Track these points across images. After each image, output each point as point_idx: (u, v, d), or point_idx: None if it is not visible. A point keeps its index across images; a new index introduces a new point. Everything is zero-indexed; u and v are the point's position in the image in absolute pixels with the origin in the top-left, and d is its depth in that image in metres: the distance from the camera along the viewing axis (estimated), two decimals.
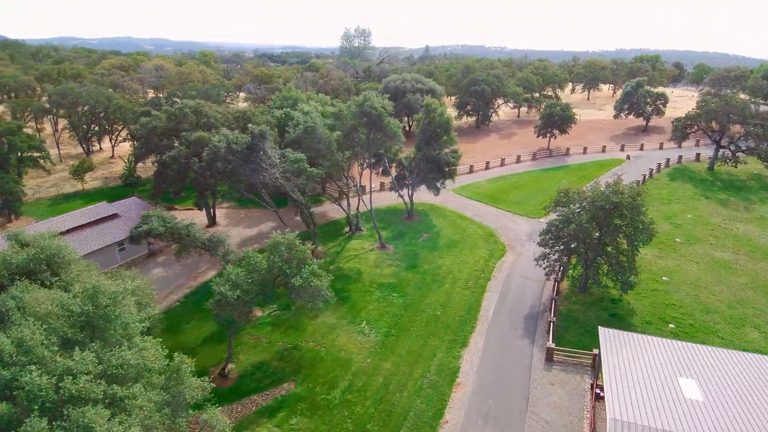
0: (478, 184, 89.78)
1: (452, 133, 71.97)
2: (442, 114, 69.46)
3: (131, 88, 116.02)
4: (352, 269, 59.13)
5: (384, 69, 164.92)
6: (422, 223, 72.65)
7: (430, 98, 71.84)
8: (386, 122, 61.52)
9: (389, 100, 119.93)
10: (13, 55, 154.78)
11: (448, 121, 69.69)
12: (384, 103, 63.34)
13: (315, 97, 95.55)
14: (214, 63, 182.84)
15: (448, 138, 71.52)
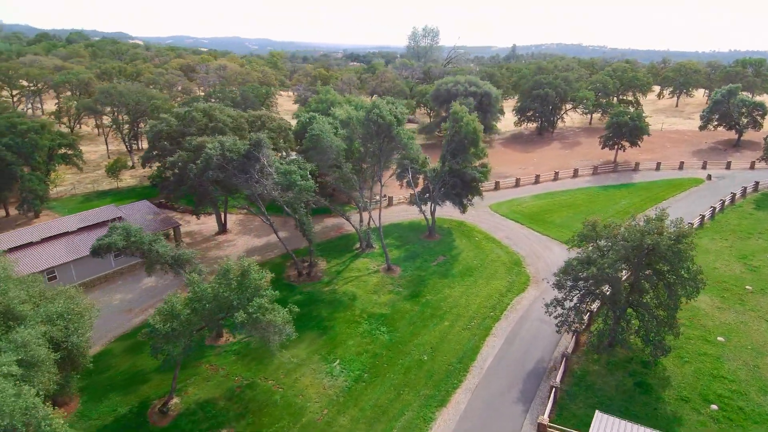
0: (521, 200, 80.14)
1: (481, 145, 63.79)
2: (469, 123, 61.54)
3: (186, 87, 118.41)
4: (347, 293, 53.36)
5: (443, 70, 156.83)
6: (442, 243, 65.14)
7: (458, 105, 64.04)
8: (396, 132, 54.98)
9: (440, 105, 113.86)
10: (95, 52, 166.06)
11: (475, 131, 61.62)
12: (398, 111, 56.87)
13: (355, 100, 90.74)
14: (281, 63, 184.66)
15: (476, 150, 63.47)
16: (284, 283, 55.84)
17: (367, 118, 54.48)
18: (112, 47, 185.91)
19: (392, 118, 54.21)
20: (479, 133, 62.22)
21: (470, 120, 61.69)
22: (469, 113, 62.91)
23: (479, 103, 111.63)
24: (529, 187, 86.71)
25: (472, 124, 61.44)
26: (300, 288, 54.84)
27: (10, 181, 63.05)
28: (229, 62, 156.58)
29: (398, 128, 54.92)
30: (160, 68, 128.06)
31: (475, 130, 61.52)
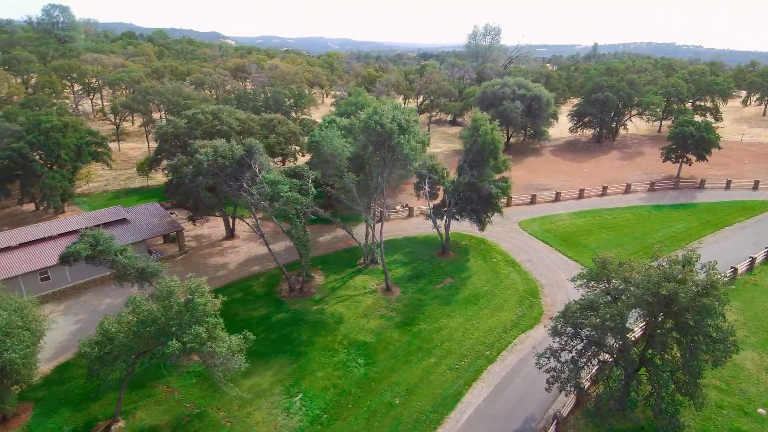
0: (557, 217, 71.96)
1: (501, 156, 57.23)
2: (487, 132, 55.25)
3: (234, 87, 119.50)
4: (334, 315, 49.19)
5: (499, 71, 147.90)
6: (455, 263, 59.21)
7: (478, 112, 57.82)
8: (397, 141, 49.87)
9: (485, 108, 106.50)
10: (161, 51, 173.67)
11: (494, 142, 55.21)
12: (403, 117, 51.72)
13: (388, 102, 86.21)
14: (337, 63, 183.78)
15: (495, 163, 57.02)
16: (274, 297, 52.73)
17: (365, 125, 49.86)
18: (178, 47, 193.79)
19: (392, 126, 49.19)
20: (499, 144, 55.71)
21: (489, 129, 55.32)
22: (489, 122, 56.49)
23: (528, 107, 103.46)
24: (570, 202, 78.00)
25: (491, 134, 55.05)
26: (288, 305, 51.39)
27: (32, 178, 64.73)
28: (282, 63, 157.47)
29: (400, 138, 49.69)
30: (207, 68, 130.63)
31: (494, 140, 55.10)
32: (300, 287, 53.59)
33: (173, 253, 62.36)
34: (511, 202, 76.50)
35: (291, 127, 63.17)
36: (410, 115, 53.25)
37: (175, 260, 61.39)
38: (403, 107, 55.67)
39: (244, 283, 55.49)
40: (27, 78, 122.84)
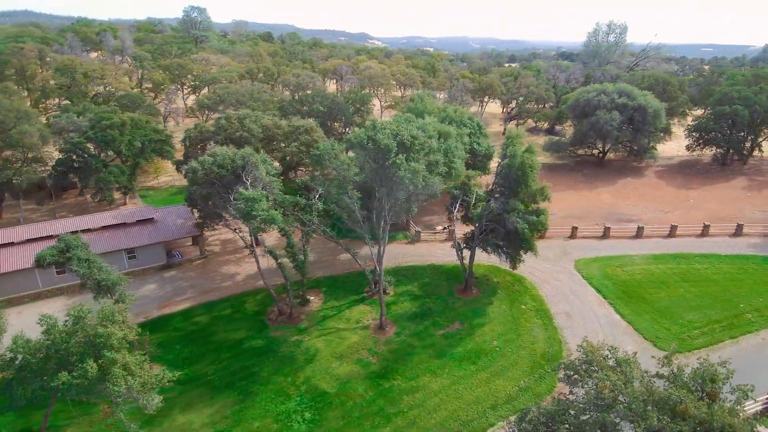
0: (629, 259, 58.39)
1: (535, 184, 47.00)
2: (515, 155, 45.64)
3: (318, 89, 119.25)
4: (309, 351, 43.95)
5: (611, 74, 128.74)
6: (473, 303, 50.28)
7: (513, 128, 48.44)
8: (393, 161, 42.50)
9: (579, 118, 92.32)
10: (276, 51, 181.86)
11: (523, 166, 45.38)
12: (408, 133, 44.30)
13: (459, 110, 78.40)
14: (438, 65, 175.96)
15: (527, 190, 47.03)
16: (260, 320, 49.03)
17: (359, 143, 43.44)
18: (292, 48, 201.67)
19: (389, 143, 42.08)
20: (529, 170, 45.71)
21: (518, 151, 45.58)
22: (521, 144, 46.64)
23: (629, 118, 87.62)
24: (654, 241, 63.16)
25: (520, 157, 45.24)
26: (270, 330, 47.30)
27: (89, 172, 68.89)
28: (378, 64, 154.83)
29: (396, 158, 42.23)
30: (297, 69, 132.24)
31: (523, 165, 45.22)
32: (289, 312, 49.19)
33: (193, 257, 61.93)
34: (576, 233, 64.26)
35: (315, 136, 58.90)
36: (413, 132, 45.34)
37: (192, 264, 60.85)
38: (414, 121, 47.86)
39: (240, 299, 52.62)
40: (143, 75, 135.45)
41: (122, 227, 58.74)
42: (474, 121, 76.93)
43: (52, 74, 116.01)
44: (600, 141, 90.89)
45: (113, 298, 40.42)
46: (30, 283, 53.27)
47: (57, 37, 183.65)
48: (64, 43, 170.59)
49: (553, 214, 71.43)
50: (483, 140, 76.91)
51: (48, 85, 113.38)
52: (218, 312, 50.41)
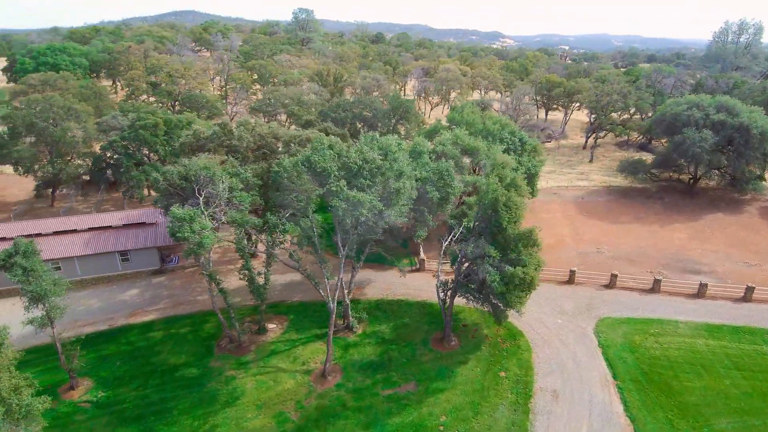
0: (671, 326, 45.35)
1: (513, 227, 37.50)
2: (491, 190, 36.69)
3: (384, 92, 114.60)
4: (234, 391, 39.52)
5: (723, 82, 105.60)
6: (445, 359, 42.05)
7: (497, 150, 39.55)
8: (330, 185, 35.84)
9: (665, 135, 76.60)
10: (366, 53, 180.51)
11: (496, 203, 36.29)
12: (365, 156, 37.42)
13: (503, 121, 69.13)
14: (532, 67, 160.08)
15: (503, 236, 37.75)
16: (210, 345, 45.71)
17: (295, 164, 37.63)
18: (385, 49, 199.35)
19: (327, 166, 35.72)
20: (504, 211, 36.41)
21: (494, 185, 36.57)
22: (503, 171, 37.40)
23: (728, 140, 70.46)
24: (719, 303, 48.68)
25: (492, 194, 36.24)
26: (211, 359, 43.73)
27: (121, 169, 71.52)
28: (456, 64, 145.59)
29: (338, 183, 35.67)
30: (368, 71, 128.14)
31: (496, 203, 36.15)
32: (237, 342, 45.16)
33: (188, 263, 60.85)
34: (615, 282, 52.02)
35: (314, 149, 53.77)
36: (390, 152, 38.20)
37: (184, 271, 59.77)
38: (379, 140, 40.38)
39: (204, 317, 49.84)
40: (228, 75, 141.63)
41: (133, 227, 59.19)
42: (516, 135, 66.58)
43: (142, 73, 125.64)
44: (691, 164, 74.12)
45: (44, 309, 39.62)
46: None
47: (173, 36, 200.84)
48: (176, 43, 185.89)
49: (599, 252, 59.62)
50: (527, 157, 66.34)
51: (138, 83, 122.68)
52: (176, 329, 48.12)
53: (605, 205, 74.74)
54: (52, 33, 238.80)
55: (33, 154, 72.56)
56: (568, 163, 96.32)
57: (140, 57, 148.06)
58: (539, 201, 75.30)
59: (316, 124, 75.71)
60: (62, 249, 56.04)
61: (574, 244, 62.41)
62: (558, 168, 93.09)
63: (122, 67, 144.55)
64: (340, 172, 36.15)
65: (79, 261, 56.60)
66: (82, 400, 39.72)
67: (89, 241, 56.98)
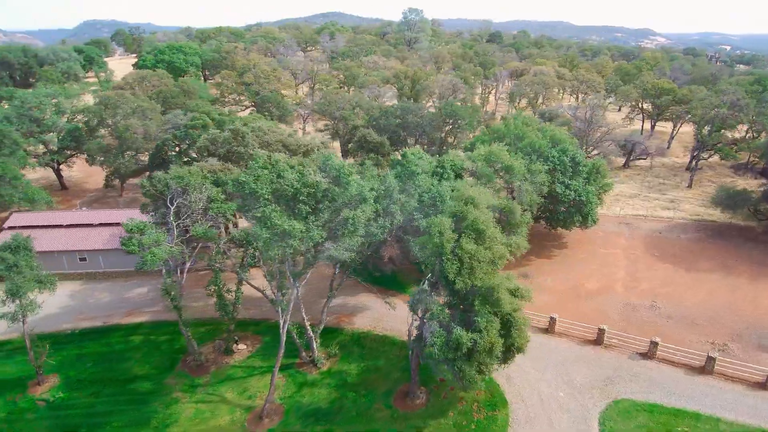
0: (712, 422, 34.03)
1: (467, 280, 29.94)
2: (440, 230, 29.74)
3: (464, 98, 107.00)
4: (167, 419, 37.63)
5: None
6: (400, 421, 35.86)
7: (465, 187, 31.65)
8: (255, 216, 31.54)
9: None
10: (465, 54, 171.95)
11: (440, 253, 29.15)
12: (305, 180, 32.69)
13: (558, 134, 59.98)
14: (649, 68, 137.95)
15: (455, 283, 30.50)
16: (176, 358, 44.36)
17: (234, 182, 33.90)
18: (485, 49, 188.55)
19: (256, 189, 31.49)
20: (450, 260, 29.13)
21: (437, 228, 29.59)
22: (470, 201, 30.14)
23: None
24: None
25: (437, 238, 29.30)
26: (169, 375, 42.33)
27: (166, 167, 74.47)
28: (551, 67, 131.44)
29: (265, 209, 31.22)
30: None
31: (441, 253, 29.17)
32: (197, 362, 43.13)
33: (201, 266, 60.74)
34: (654, 352, 41.01)
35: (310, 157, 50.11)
36: (342, 175, 33.03)
37: (199, 273, 59.76)
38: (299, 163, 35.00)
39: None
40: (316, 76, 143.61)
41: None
42: (567, 153, 56.51)
43: (232, 73, 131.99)
44: None
45: (18, 304, 40.98)
46: None
47: (283, 37, 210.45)
48: (284, 43, 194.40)
49: (653, 307, 48.11)
50: (579, 181, 56.11)
51: (227, 82, 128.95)
52: (156, 335, 47.75)
53: (686, 244, 60.76)
54: (185, 32, 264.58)
55: (100, 146, 78.60)
56: (660, 187, 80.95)
57: (242, 57, 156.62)
58: (603, 232, 63.82)
59: (360, 130, 72.01)
60: (88, 242, 59.09)
61: (625, 293, 51.10)
62: (645, 191, 78.58)
63: (228, 67, 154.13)
64: (276, 195, 31.86)
65: (102, 255, 59.28)
66: (40, 398, 40.51)
67: (113, 236, 59.31)
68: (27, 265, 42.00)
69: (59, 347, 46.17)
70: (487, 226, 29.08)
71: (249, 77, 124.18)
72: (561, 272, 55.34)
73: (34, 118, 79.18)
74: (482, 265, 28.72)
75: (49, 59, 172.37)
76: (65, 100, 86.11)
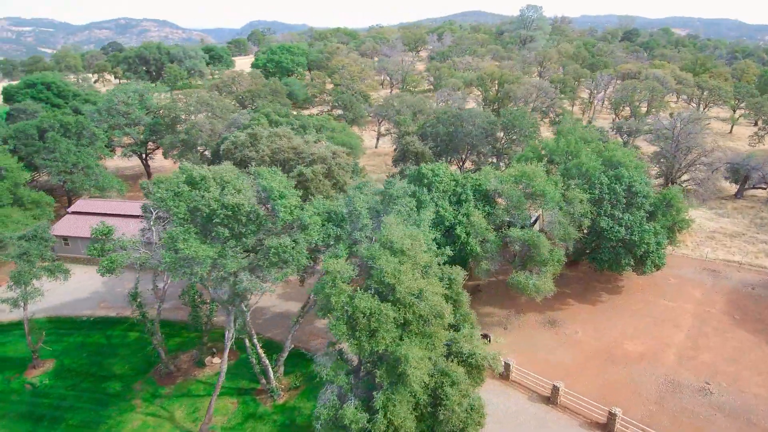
0: None
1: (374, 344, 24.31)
2: (339, 290, 24.65)
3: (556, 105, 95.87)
4: (106, 429, 37.07)
5: None
6: None
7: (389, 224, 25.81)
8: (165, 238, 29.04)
9: None
10: (577, 54, 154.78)
11: (354, 318, 23.92)
12: (226, 201, 29.60)
13: (612, 149, 50.61)
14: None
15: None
16: (152, 362, 44.10)
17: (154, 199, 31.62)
18: (604, 49, 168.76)
19: (172, 206, 28.94)
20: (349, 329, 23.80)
21: (333, 273, 24.49)
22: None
23: None
24: None
25: (328, 288, 24.21)
26: (138, 380, 42.20)
27: None
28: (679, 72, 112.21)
29: (173, 230, 28.61)
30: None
31: (329, 298, 24.01)
32: (167, 370, 42.44)
33: None
34: None
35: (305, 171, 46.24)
36: (272, 193, 29.47)
37: None
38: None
39: (186, 328, 48.62)
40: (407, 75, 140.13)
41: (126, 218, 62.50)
42: (623, 181, 46.48)
43: (323, 73, 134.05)
44: None
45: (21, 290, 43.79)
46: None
47: (388, 38, 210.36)
48: (388, 43, 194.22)
49: (704, 390, 37.45)
50: (636, 216, 45.94)
51: (317, 81, 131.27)
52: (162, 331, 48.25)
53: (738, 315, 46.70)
54: (308, 32, 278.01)
55: (172, 141, 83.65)
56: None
57: (342, 58, 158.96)
58: (677, 278, 52.30)
59: (405, 138, 67.37)
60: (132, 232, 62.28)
61: (675, 364, 40.36)
62: (753, 231, 62.74)
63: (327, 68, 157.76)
64: (194, 215, 29.20)
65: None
66: (29, 381, 42.86)
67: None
68: (38, 254, 44.70)
69: (68, 333, 49.01)
70: (400, 280, 23.20)
71: (336, 78, 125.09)
72: (599, 324, 45.66)
73: (122, 112, 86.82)
74: (388, 327, 23.06)
75: (179, 57, 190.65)
76: (154, 95, 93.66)
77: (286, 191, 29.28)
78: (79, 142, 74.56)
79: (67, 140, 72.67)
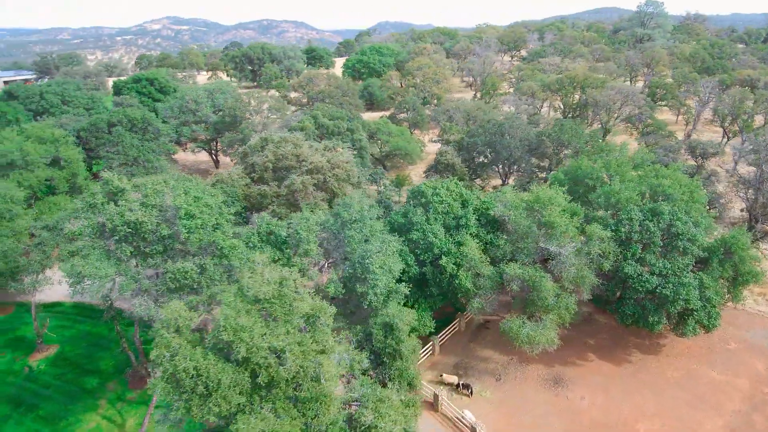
0: None
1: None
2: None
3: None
4: (64, 427, 37.75)
5: None
6: None
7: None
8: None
9: None
10: (696, 53, 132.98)
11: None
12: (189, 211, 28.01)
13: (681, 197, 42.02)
14: None
15: None
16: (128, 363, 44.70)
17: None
18: (734, 50, 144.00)
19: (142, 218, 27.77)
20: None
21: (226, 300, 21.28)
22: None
23: None
24: None
25: (222, 325, 21.10)
26: (113, 379, 42.84)
27: None
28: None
29: (102, 242, 27.45)
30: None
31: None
32: (138, 372, 42.56)
33: None
34: None
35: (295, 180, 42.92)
36: (209, 207, 27.36)
37: None
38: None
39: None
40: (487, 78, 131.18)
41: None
42: (663, 218, 37.70)
43: (398, 74, 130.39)
44: None
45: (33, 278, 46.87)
46: None
47: (482, 37, 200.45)
48: (481, 43, 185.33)
49: None
50: (678, 262, 37.21)
51: (391, 82, 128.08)
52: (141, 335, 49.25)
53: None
54: (408, 32, 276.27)
55: (230, 140, 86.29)
56: None
57: (425, 58, 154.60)
58: (738, 342, 42.17)
59: (441, 147, 62.26)
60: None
61: None
62: None
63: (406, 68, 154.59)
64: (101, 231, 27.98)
65: None
66: (28, 365, 45.58)
67: None
68: (53, 244, 47.53)
69: (82, 321, 51.73)
70: (241, 338, 19.36)
71: (410, 79, 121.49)
72: (614, 392, 37.45)
73: (192, 109, 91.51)
74: (225, 392, 19.49)
75: (279, 57, 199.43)
76: (222, 95, 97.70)
77: (197, 210, 26.89)
78: (144, 137, 79.63)
79: (132, 135, 77.87)
